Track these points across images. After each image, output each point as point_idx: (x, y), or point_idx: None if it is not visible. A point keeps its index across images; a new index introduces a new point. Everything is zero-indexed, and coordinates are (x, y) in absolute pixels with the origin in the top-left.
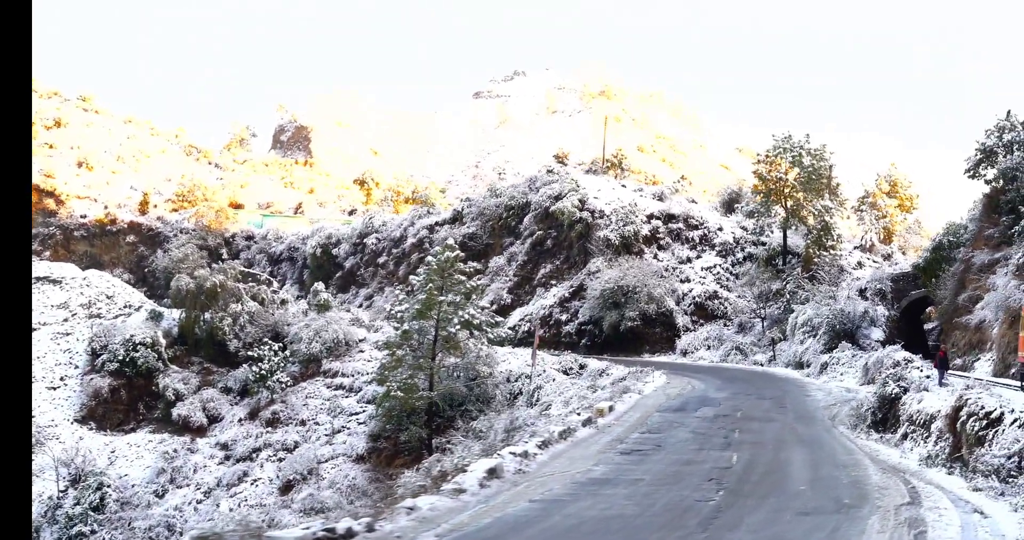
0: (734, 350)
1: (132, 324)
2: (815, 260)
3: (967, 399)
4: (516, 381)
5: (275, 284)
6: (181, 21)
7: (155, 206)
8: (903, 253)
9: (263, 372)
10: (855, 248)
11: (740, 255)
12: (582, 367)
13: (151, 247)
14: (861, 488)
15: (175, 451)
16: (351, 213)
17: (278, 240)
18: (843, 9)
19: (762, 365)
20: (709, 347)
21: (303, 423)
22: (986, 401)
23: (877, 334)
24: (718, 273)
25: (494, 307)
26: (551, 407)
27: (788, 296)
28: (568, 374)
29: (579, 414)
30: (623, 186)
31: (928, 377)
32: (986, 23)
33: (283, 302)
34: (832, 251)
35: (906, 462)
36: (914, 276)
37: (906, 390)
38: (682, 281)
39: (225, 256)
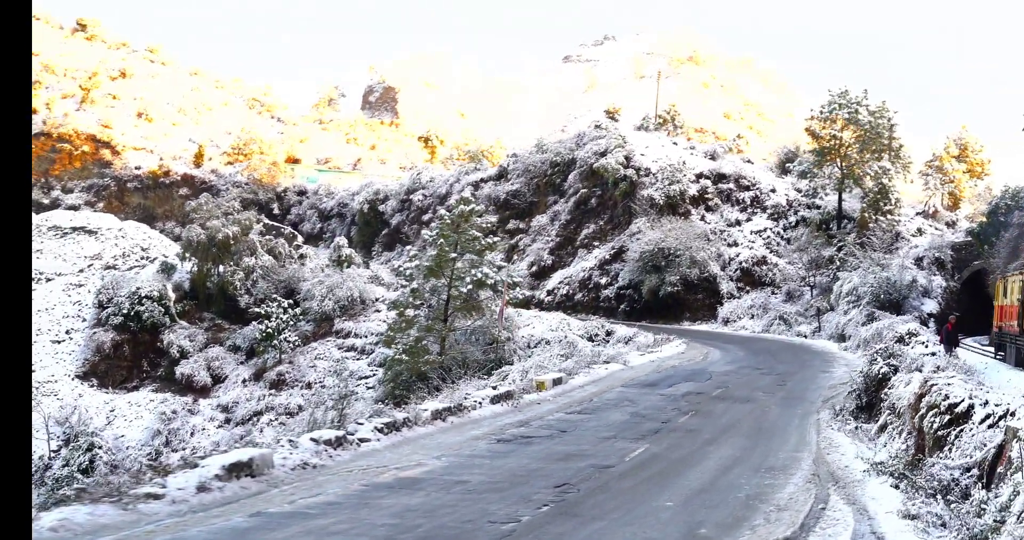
0: (778, 320)
1: (142, 277)
2: (870, 225)
3: (932, 384)
4: (535, 347)
5: (299, 238)
6: None
7: (210, 159)
8: (971, 221)
9: (270, 330)
10: (917, 214)
11: (793, 219)
12: (608, 334)
13: (217, 201)
14: (749, 508)
15: (174, 412)
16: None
17: (329, 196)
18: None
19: (805, 336)
20: (753, 316)
21: (309, 386)
22: (953, 389)
23: (930, 306)
24: (768, 237)
25: (534, 268)
26: (508, 377)
27: (838, 263)
28: (593, 340)
29: (495, 388)
30: (674, 143)
31: (933, 354)
32: None
33: (302, 257)
34: (889, 216)
35: (856, 465)
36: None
37: (896, 370)
38: (729, 245)
39: (276, 211)
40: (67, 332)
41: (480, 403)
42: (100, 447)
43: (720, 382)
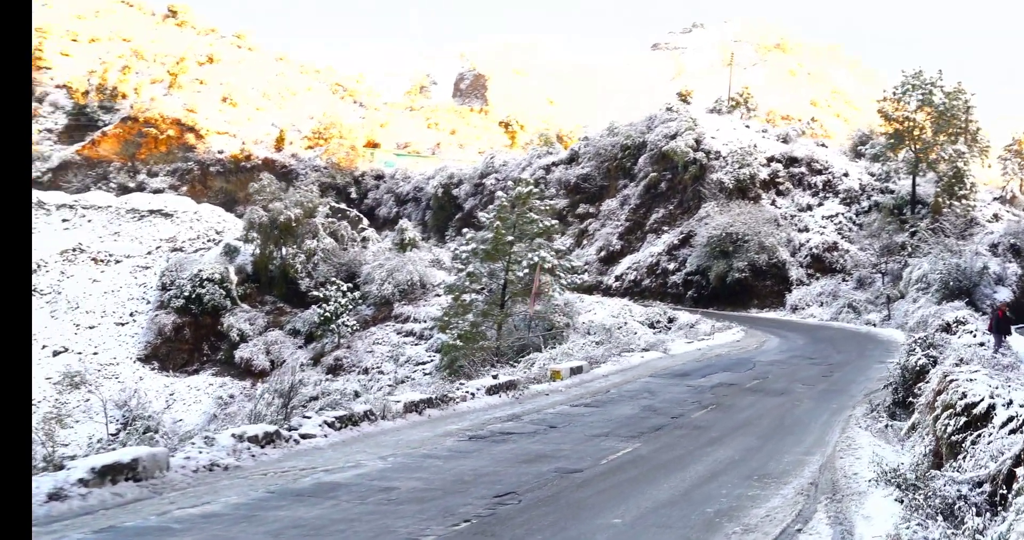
0: (847, 308)
1: (206, 259)
2: (944, 210)
3: (951, 380)
4: (595, 334)
5: (364, 221)
6: None
7: (291, 143)
8: None
9: (328, 314)
10: (994, 199)
11: (865, 203)
12: (671, 321)
13: (284, 184)
14: (711, 528)
15: (231, 397)
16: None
17: (405, 180)
18: None
19: (874, 325)
20: (822, 303)
21: (366, 371)
22: (973, 385)
23: (1003, 294)
24: (840, 222)
25: (602, 254)
26: (535, 364)
27: (910, 250)
28: (654, 327)
29: (495, 377)
30: (746, 127)
31: (981, 345)
32: None
33: (364, 240)
34: (964, 201)
35: (867, 472)
36: None
37: (936, 362)
38: (800, 230)
39: (353, 195)
40: (131, 314)
41: (472, 394)
42: (156, 431)
43: (761, 372)
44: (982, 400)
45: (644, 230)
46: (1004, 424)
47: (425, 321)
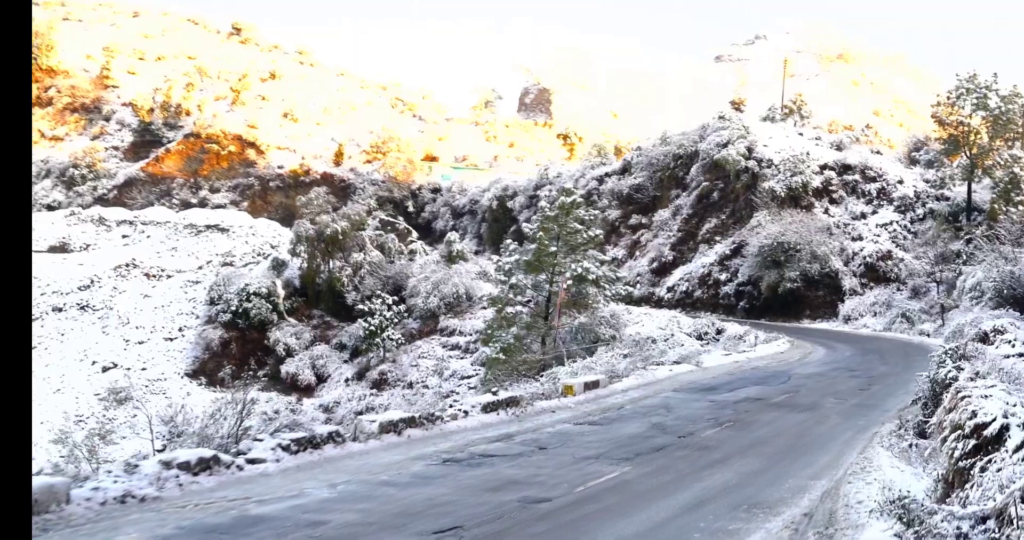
0: (900, 318)
1: (254, 273)
2: (1000, 217)
3: (963, 396)
4: (625, 347)
5: (414, 234)
6: None
7: (349, 157)
8: None
9: (373, 328)
10: None
11: (920, 211)
12: (719, 332)
13: (342, 198)
14: None
15: (276, 412)
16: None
17: (461, 193)
18: None
19: (928, 335)
20: (875, 314)
21: (411, 386)
22: (987, 402)
23: None
24: (894, 231)
25: (654, 264)
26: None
27: (965, 257)
28: (702, 339)
29: (494, 393)
30: (800, 134)
31: (1021, 356)
32: None
33: (412, 253)
34: (1022, 207)
35: (872, 500)
36: None
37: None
38: (853, 239)
39: (410, 208)
40: (180, 329)
41: (466, 412)
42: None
43: (795, 386)
44: (994, 420)
45: (696, 240)
46: (1019, 448)
47: (471, 334)
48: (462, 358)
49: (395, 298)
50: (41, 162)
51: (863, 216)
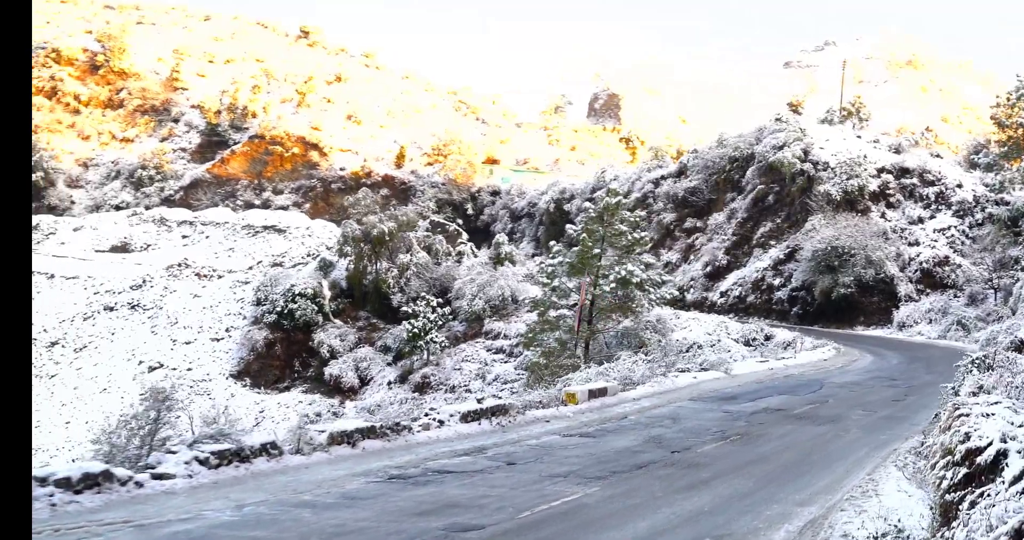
0: (955, 325)
1: (301, 274)
2: None
3: (960, 415)
4: (687, 351)
5: (464, 236)
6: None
7: (411, 160)
8: None
9: (416, 330)
10: None
11: (979, 216)
12: (767, 338)
13: (403, 200)
14: None
15: (317, 415)
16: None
17: (520, 196)
18: None
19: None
20: (931, 321)
21: (453, 390)
22: (987, 423)
23: None
24: (952, 236)
25: (708, 269)
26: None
27: (1023, 264)
28: (750, 345)
29: (480, 401)
30: (858, 137)
31: None
32: None
33: (459, 255)
34: None
35: (863, 531)
36: None
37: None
38: (910, 244)
39: (469, 211)
40: (227, 330)
41: (441, 422)
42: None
43: (824, 396)
44: (989, 444)
45: (751, 244)
46: (1017, 479)
47: (515, 338)
48: (506, 362)
49: (439, 300)
50: (111, 163)
51: (920, 221)
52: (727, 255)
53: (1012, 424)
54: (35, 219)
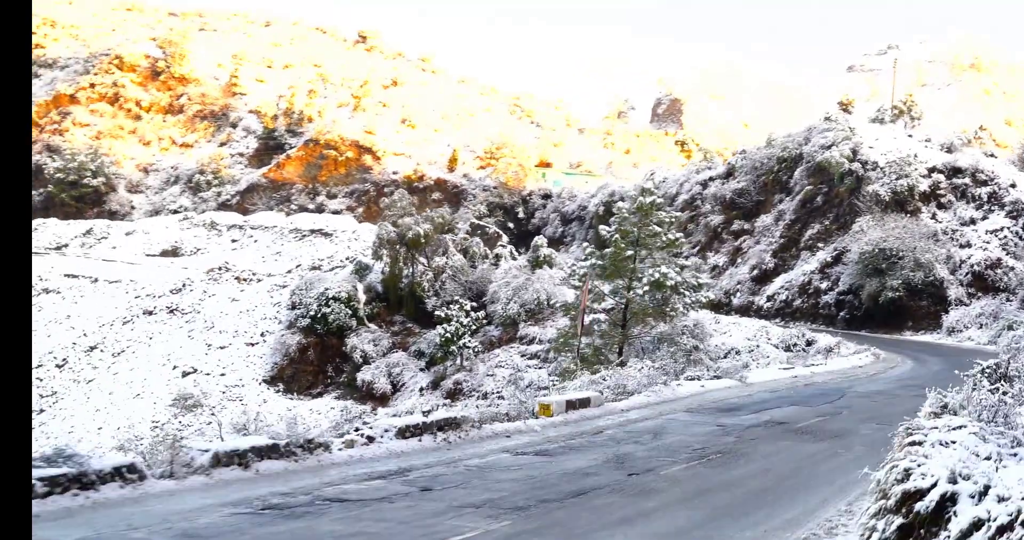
0: (1006, 330)
1: (336, 277)
2: None
3: (912, 442)
4: (725, 357)
5: (504, 238)
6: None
7: (463, 163)
8: None
9: (449, 335)
10: None
11: None
12: (809, 344)
13: (455, 204)
14: None
15: (347, 422)
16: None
17: (571, 199)
18: None
19: None
20: (981, 325)
21: (485, 396)
22: (937, 457)
23: None
24: (1005, 237)
25: (755, 272)
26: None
27: None
28: (790, 351)
29: (426, 414)
30: (909, 136)
31: None
32: None
33: (497, 258)
34: None
35: None
36: None
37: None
38: (961, 246)
39: (520, 214)
40: (262, 334)
41: (370, 438)
42: None
43: (840, 407)
44: (933, 486)
45: (799, 247)
46: (969, 533)
47: (550, 343)
48: (540, 367)
49: (474, 304)
50: (171, 168)
51: (972, 221)
52: (774, 258)
53: (977, 456)
54: (89, 224)
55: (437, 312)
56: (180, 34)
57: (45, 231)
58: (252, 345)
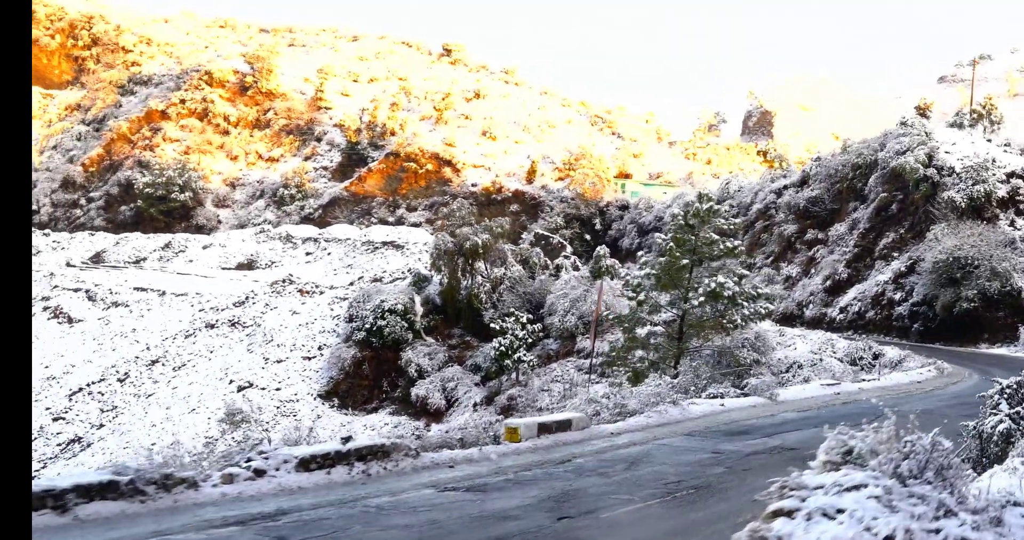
0: None
1: (393, 289)
2: None
3: (774, 513)
4: (787, 371)
5: (568, 249)
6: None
7: (542, 175)
8: None
9: (503, 349)
10: None
11: None
12: (876, 357)
13: (532, 216)
14: None
15: (400, 438)
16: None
17: (647, 210)
18: None
19: None
20: None
21: (540, 412)
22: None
23: None
24: None
25: (828, 283)
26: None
27: None
28: (856, 364)
29: (345, 441)
30: (988, 140)
31: None
32: None
33: (558, 268)
34: None
35: None
36: None
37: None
38: None
39: (597, 226)
40: (320, 348)
41: (260, 471)
42: None
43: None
44: None
45: (873, 257)
46: None
47: (607, 356)
48: (597, 382)
49: (530, 316)
50: (257, 183)
51: None
52: (848, 268)
53: (872, 535)
54: (167, 237)
55: (492, 325)
56: (268, 49)
57: (126, 245)
58: (309, 359)
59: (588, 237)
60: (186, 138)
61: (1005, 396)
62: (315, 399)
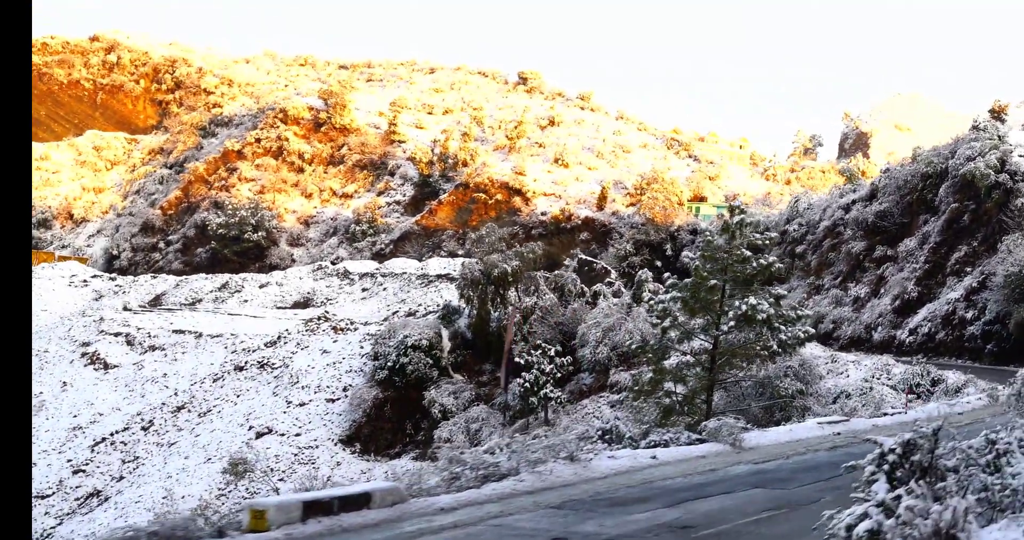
0: None
1: (420, 323)
2: None
3: None
4: (835, 402)
5: (613, 274)
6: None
7: (612, 201)
8: None
9: (528, 385)
10: None
11: None
12: (935, 383)
13: (602, 244)
14: None
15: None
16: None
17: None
18: None
19: None
20: None
21: (571, 459)
22: None
23: None
24: None
25: (896, 303)
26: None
27: None
28: (913, 392)
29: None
30: None
31: None
32: None
33: (595, 295)
34: None
35: None
36: None
37: None
38: None
39: (668, 251)
40: (344, 389)
41: None
42: None
43: (828, 490)
44: None
45: (944, 273)
46: None
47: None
48: (632, 420)
49: (559, 348)
50: (330, 220)
51: None
52: (918, 286)
53: None
54: (224, 277)
55: (516, 359)
56: (342, 84)
57: (184, 287)
58: (333, 401)
59: (659, 263)
60: (261, 177)
61: (885, 468)
62: (336, 445)
